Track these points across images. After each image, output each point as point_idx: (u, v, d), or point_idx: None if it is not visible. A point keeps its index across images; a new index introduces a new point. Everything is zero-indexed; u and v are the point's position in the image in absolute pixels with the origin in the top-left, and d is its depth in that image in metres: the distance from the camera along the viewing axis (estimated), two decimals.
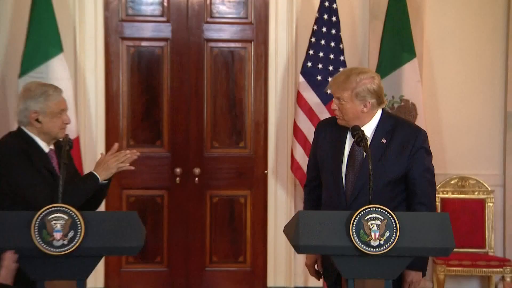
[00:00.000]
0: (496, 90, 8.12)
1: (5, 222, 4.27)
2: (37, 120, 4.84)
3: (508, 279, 7.66)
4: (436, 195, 7.57)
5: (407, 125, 5.04)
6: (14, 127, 7.09)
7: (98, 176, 4.85)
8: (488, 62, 8.09)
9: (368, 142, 4.60)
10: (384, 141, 4.77)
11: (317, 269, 5.02)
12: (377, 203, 4.29)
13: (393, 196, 4.78)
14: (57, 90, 4.97)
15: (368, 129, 4.73)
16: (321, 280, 5.19)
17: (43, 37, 7.46)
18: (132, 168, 5.01)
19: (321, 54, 7.61)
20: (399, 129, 4.84)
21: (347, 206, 4.65)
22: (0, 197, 4.93)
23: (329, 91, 4.93)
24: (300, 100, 7.63)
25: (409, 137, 4.83)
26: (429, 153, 4.87)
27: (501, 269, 7.72)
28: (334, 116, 4.87)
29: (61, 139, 4.86)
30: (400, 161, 4.77)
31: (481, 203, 8.05)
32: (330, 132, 4.94)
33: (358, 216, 4.23)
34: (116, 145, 5.01)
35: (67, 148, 4.59)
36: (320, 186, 4.98)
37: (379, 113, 4.81)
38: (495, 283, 7.94)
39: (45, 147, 4.91)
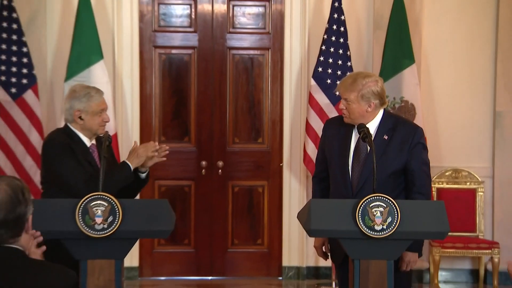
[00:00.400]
0: (486, 92, 8.10)
1: (53, 209, 4.32)
2: (80, 117, 4.87)
3: (496, 260, 7.68)
4: (432, 185, 7.66)
5: (406, 123, 5.03)
6: (61, 124, 7.16)
7: (129, 164, 4.84)
8: (479, 67, 8.08)
9: (372, 138, 4.58)
10: (385, 137, 4.73)
11: (324, 250, 5.00)
12: (380, 193, 4.31)
13: (394, 186, 4.72)
14: (99, 92, 5.00)
15: (371, 127, 4.69)
16: (329, 260, 5.15)
17: (85, 46, 7.51)
18: (164, 159, 5.01)
19: (330, 60, 7.61)
20: (399, 127, 4.80)
21: (353, 195, 4.63)
22: (47, 185, 5.01)
23: (337, 93, 4.94)
24: (311, 101, 7.64)
25: (408, 134, 4.80)
26: (425, 148, 4.86)
27: (490, 251, 7.73)
28: (341, 115, 4.85)
29: (101, 135, 4.90)
30: (400, 156, 4.73)
31: (473, 192, 8.06)
32: (337, 129, 4.89)
33: (364, 204, 4.27)
34: (151, 143, 5.00)
35: (107, 143, 4.61)
36: (327, 178, 4.95)
37: (381, 112, 4.78)
38: (485, 263, 7.96)
39: (87, 141, 4.93)
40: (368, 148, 4.63)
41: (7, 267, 3.20)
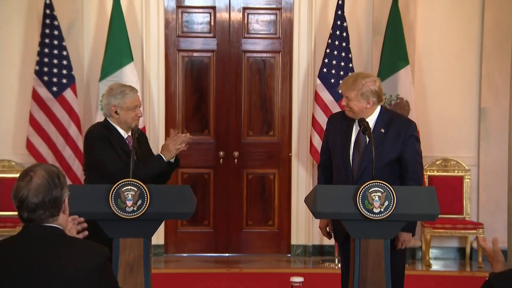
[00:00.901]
0: (472, 90, 8.07)
1: (89, 193, 4.35)
2: (116, 112, 4.89)
3: (482, 236, 7.64)
4: (424, 173, 7.67)
5: (401, 118, 5.03)
6: (96, 118, 7.35)
7: (163, 156, 4.85)
8: (466, 68, 8.06)
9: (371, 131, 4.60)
10: (382, 130, 4.71)
11: (328, 231, 5.00)
12: (378, 179, 4.33)
13: (390, 174, 4.69)
14: (133, 90, 5.01)
15: (370, 121, 4.67)
16: (333, 239, 5.14)
17: (118, 50, 7.54)
18: (185, 148, 4.99)
19: (334, 62, 7.60)
20: (395, 121, 4.79)
21: (353, 181, 4.61)
22: (88, 172, 5.04)
23: (340, 91, 4.91)
24: (317, 98, 7.63)
25: (403, 127, 4.78)
26: (418, 140, 4.86)
27: (475, 231, 7.75)
28: (343, 111, 4.84)
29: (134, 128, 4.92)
30: (396, 146, 4.72)
31: (460, 179, 8.05)
32: (339, 123, 4.88)
33: (363, 189, 4.28)
34: (171, 130, 5.04)
35: (136, 135, 4.68)
36: (330, 166, 4.93)
37: (378, 108, 4.76)
38: (470, 242, 7.98)
39: (124, 133, 4.92)
40: (367, 139, 4.61)
41: (47, 243, 3.21)
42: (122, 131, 4.93)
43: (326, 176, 4.99)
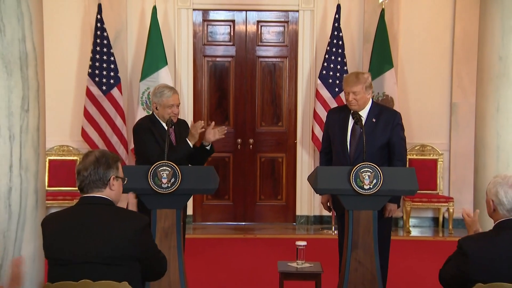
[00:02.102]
0: (445, 89, 8.07)
1: (133, 173, 4.32)
2: (156, 108, 4.92)
3: (451, 210, 7.76)
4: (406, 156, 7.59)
5: (389, 109, 5.07)
6: (137, 112, 7.38)
7: (188, 141, 4.80)
8: (440, 71, 8.05)
9: (364, 121, 4.62)
10: (374, 120, 4.73)
11: (328, 205, 5.01)
12: (372, 161, 4.35)
13: (381, 156, 4.73)
14: (171, 90, 4.96)
15: (364, 113, 4.70)
16: (330, 211, 5.19)
17: (155, 56, 7.57)
18: (223, 136, 5.06)
19: (331, 65, 7.62)
20: (384, 112, 4.82)
21: (350, 163, 4.60)
22: (137, 156, 5.12)
23: (337, 89, 4.85)
24: (318, 95, 7.64)
25: (391, 117, 4.82)
26: (402, 128, 4.87)
27: (447, 204, 7.84)
28: (340, 106, 4.88)
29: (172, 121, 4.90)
30: (385, 133, 4.74)
31: (435, 162, 8.05)
32: (337, 116, 4.89)
33: (356, 170, 4.29)
34: (199, 122, 4.90)
35: (170, 125, 4.70)
36: (330, 152, 4.93)
37: (370, 101, 4.77)
38: (443, 213, 8.02)
39: (166, 125, 4.82)
40: (361, 129, 4.58)
41: (95, 211, 3.28)
42: (164, 124, 4.89)
43: (327, 160, 4.98)
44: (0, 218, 4.34)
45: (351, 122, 4.77)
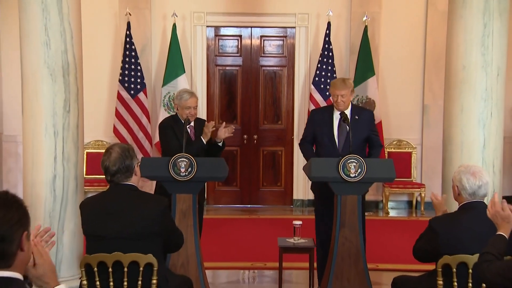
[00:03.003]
0: (418, 92, 8.03)
1: (156, 163, 4.42)
2: (177, 109, 4.88)
3: (422, 195, 7.76)
4: (385, 150, 7.67)
5: (367, 110, 5.10)
6: (159, 112, 7.38)
7: (202, 138, 4.74)
8: (413, 77, 8.01)
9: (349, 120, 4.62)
10: (357, 117, 4.72)
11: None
12: (355, 152, 4.34)
13: (363, 147, 4.76)
14: (190, 94, 4.85)
15: (347, 112, 4.67)
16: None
17: (174, 65, 7.57)
18: (232, 135, 4.93)
19: (323, 73, 7.59)
20: (363, 112, 4.87)
21: (339, 155, 4.56)
22: (162, 149, 5.04)
23: (328, 93, 4.83)
24: (311, 98, 7.61)
25: (369, 116, 4.87)
26: (375, 124, 4.98)
27: (419, 189, 7.83)
28: (323, 107, 4.95)
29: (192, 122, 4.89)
30: (365, 129, 4.76)
31: (409, 154, 8.03)
32: (322, 115, 4.87)
33: (344, 161, 4.27)
34: (211, 122, 4.85)
35: (187, 124, 4.65)
36: (311, 142, 4.89)
37: (350, 103, 4.78)
38: (416, 197, 7.99)
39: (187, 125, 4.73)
40: (347, 127, 4.58)
41: (124, 195, 3.30)
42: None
43: (310, 148, 4.93)
44: (46, 200, 4.39)
45: (336, 119, 4.76)
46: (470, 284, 3.15)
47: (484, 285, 3.01)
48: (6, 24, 7.48)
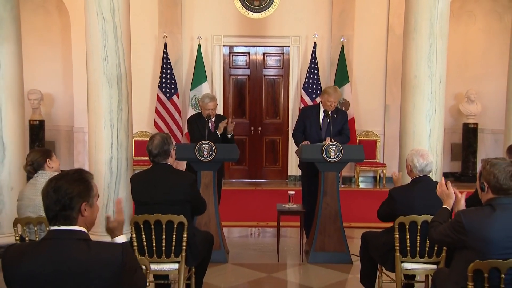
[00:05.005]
0: (381, 94, 7.97)
1: (186, 148, 4.37)
2: (201, 108, 4.75)
3: (384, 171, 7.72)
4: (357, 138, 7.63)
5: (342, 110, 5.01)
6: (188, 110, 7.34)
7: (217, 131, 4.63)
8: (378, 84, 7.95)
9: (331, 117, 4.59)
10: (336, 115, 4.71)
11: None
12: (334, 140, 4.36)
13: (338, 135, 4.66)
14: (210, 98, 4.67)
15: (330, 112, 4.64)
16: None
17: (199, 75, 7.53)
18: (232, 128, 4.67)
19: (311, 81, 7.53)
20: (340, 112, 4.82)
21: (321, 141, 4.59)
22: (190, 138, 4.90)
23: (314, 96, 4.81)
24: (302, 99, 7.55)
25: (343, 114, 4.84)
26: (347, 120, 4.91)
27: (382, 168, 7.81)
28: (310, 105, 4.94)
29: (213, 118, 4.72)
30: (340, 123, 4.74)
31: (375, 141, 7.98)
32: (310, 112, 4.82)
33: (326, 146, 4.28)
34: (223, 122, 4.66)
35: (208, 119, 4.54)
36: (301, 132, 4.77)
37: None
38: (379, 173, 7.93)
39: (208, 120, 4.57)
40: (328, 120, 4.58)
41: (163, 171, 3.29)
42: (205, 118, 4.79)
43: (301, 135, 4.82)
44: (105, 175, 4.42)
45: (320, 116, 4.76)
46: (419, 237, 3.17)
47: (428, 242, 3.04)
48: (79, 46, 7.34)
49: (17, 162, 4.44)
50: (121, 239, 2.03)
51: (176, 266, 3.22)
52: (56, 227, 1.80)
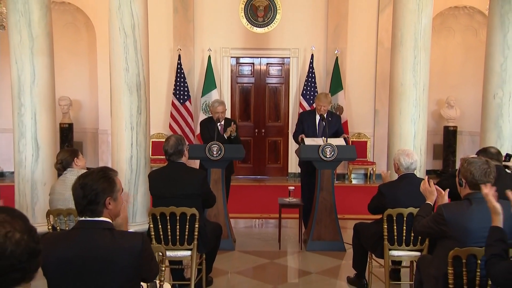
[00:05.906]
0: (371, 100, 7.92)
1: (198, 148, 4.36)
2: (211, 112, 4.70)
3: (374, 169, 7.68)
4: (350, 140, 7.52)
5: (336, 114, 5.02)
6: (199, 115, 7.28)
7: (224, 135, 4.57)
8: (368, 91, 7.91)
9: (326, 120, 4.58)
10: (330, 119, 4.68)
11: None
12: (329, 141, 4.33)
13: (334, 137, 4.62)
14: (219, 103, 4.63)
15: (324, 115, 4.62)
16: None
17: (209, 83, 7.50)
18: (233, 130, 4.56)
19: (308, 88, 7.49)
20: (334, 116, 4.79)
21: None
22: (201, 139, 4.85)
23: (311, 101, 4.79)
24: (300, 105, 7.52)
25: (337, 118, 4.82)
26: (341, 122, 4.87)
27: (372, 166, 7.77)
28: (308, 110, 4.85)
29: (222, 121, 4.67)
30: (335, 126, 4.71)
31: (366, 142, 7.95)
32: (308, 116, 4.80)
33: (322, 147, 4.27)
34: (229, 128, 4.54)
35: (217, 123, 4.56)
36: (302, 133, 4.66)
37: None
38: (369, 171, 7.90)
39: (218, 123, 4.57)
40: (324, 123, 4.57)
41: (177, 169, 3.29)
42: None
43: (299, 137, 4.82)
44: (126, 172, 4.43)
45: (317, 119, 4.74)
46: (405, 227, 3.17)
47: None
48: (103, 58, 7.41)
49: (49, 160, 4.46)
50: None
51: (189, 253, 3.24)
52: (84, 218, 1.82)
